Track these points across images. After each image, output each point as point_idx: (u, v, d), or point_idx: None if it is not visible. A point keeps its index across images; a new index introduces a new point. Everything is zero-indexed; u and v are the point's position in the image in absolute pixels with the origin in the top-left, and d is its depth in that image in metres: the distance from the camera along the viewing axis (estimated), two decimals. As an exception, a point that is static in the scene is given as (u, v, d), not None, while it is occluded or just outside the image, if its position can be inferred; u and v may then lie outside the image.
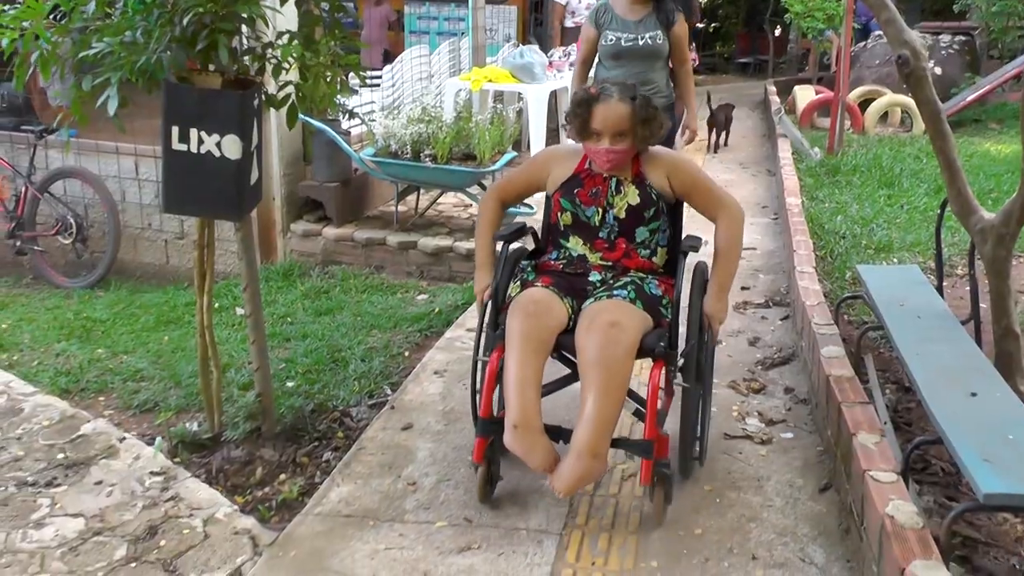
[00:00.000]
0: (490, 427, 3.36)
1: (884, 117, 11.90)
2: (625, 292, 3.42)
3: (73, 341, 5.61)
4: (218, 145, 3.58)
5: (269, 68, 3.82)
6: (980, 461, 2.84)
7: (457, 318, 5.44)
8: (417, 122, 6.60)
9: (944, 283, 4.91)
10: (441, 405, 4.31)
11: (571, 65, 8.57)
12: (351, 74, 4.18)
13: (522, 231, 3.81)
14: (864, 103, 11.82)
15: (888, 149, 9.94)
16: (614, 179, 3.58)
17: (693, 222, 3.81)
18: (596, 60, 5.63)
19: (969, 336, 4.08)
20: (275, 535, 3.37)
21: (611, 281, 3.53)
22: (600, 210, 3.58)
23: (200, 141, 3.58)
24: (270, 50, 3.78)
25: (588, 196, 3.59)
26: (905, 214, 7.21)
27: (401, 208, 6.94)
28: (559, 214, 3.64)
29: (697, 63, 13.33)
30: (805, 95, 12.69)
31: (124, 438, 4.20)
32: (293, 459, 3.93)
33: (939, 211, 4.72)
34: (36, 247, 7.03)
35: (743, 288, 6.01)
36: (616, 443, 3.29)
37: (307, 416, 4.25)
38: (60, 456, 4.10)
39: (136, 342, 5.52)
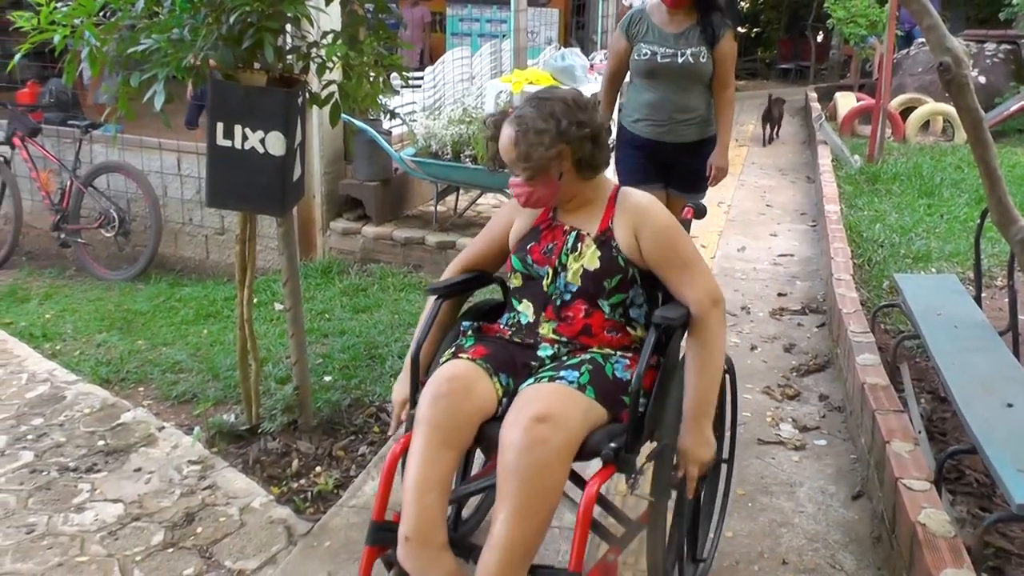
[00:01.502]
0: (383, 535, 2.59)
1: (925, 126, 11.82)
2: (575, 375, 2.59)
3: (114, 332, 5.69)
4: (262, 142, 3.64)
5: (313, 67, 3.86)
6: (1014, 472, 2.84)
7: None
8: (458, 123, 6.65)
9: (983, 294, 4.89)
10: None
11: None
12: (393, 74, 4.22)
13: (468, 283, 3.02)
14: (905, 111, 11.75)
15: (929, 158, 9.88)
16: (573, 234, 2.78)
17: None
18: (627, 78, 4.80)
19: (1007, 347, 4.06)
20: (310, 526, 3.42)
21: (564, 358, 2.71)
22: (551, 271, 2.78)
23: (244, 137, 3.64)
24: (315, 49, 3.83)
25: (541, 253, 2.80)
26: (945, 224, 7.17)
27: (440, 208, 6.97)
28: (511, 274, 2.89)
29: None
30: (846, 102, 12.63)
31: (163, 427, 4.28)
32: (329, 452, 3.97)
33: (979, 220, 4.70)
34: (80, 240, 7.12)
35: (780, 294, 6.01)
36: (534, 571, 2.47)
37: (344, 410, 4.30)
38: (100, 443, 4.18)
39: (175, 334, 5.59)
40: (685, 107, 4.60)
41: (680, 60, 4.52)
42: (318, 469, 3.85)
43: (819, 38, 21.02)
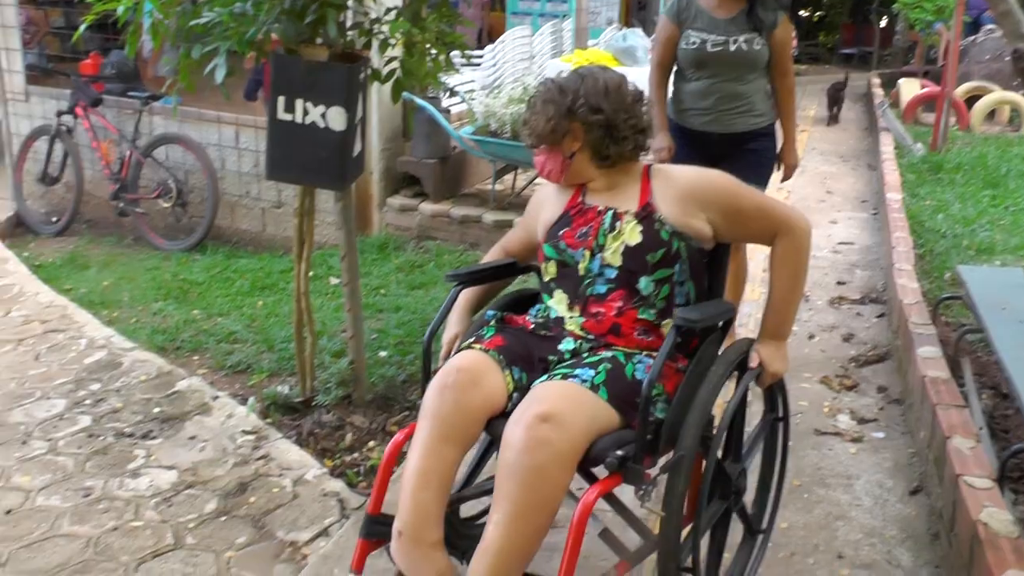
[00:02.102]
0: (377, 528, 2.54)
1: (991, 115, 11.58)
2: (590, 373, 2.43)
3: (170, 301, 5.75)
4: (323, 116, 3.65)
5: (375, 43, 3.87)
6: (1081, 471, 2.77)
7: (547, 298, 5.43)
8: (518, 102, 6.61)
9: (1049, 289, 4.78)
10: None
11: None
12: (454, 52, 4.21)
13: (496, 271, 2.92)
14: (971, 99, 11.51)
15: (994, 148, 9.67)
16: (610, 213, 2.66)
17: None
18: (676, 66, 4.44)
19: (1074, 344, 3.96)
20: (363, 499, 3.43)
21: (585, 355, 2.55)
22: (588, 253, 2.64)
23: (305, 112, 3.65)
24: (377, 25, 3.83)
25: (575, 237, 2.66)
26: (1010, 216, 7.01)
27: (498, 187, 6.95)
28: (544, 265, 2.74)
29: (796, 52, 13.12)
30: (910, 89, 12.39)
31: (217, 396, 4.31)
32: (383, 427, 3.98)
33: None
34: (138, 209, 7.19)
35: (839, 283, 5.92)
36: None
37: (398, 386, 4.30)
38: (156, 410, 4.23)
39: (231, 305, 5.64)
40: (734, 95, 4.27)
41: (732, 48, 4.19)
42: (371, 444, 3.86)
43: (883, 23, 20.66)
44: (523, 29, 8.50)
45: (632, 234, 2.59)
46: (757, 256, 5.65)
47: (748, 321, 4.94)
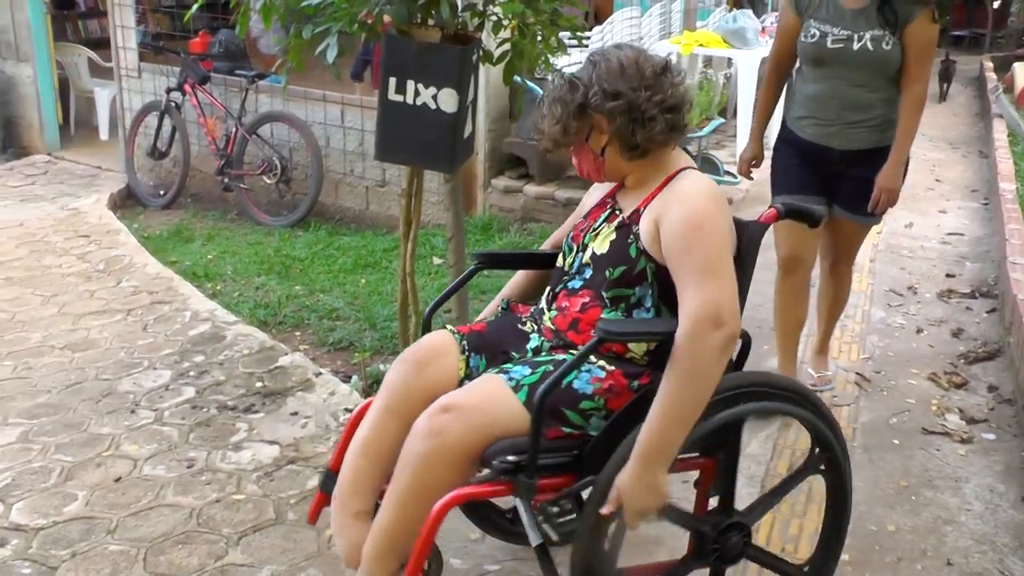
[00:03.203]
0: (331, 484, 2.54)
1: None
2: (524, 372, 2.31)
3: (272, 276, 5.81)
4: (434, 98, 3.63)
5: (488, 24, 3.85)
6: None
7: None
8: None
9: None
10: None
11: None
12: (564, 33, 4.17)
13: (528, 259, 2.92)
14: (1091, 87, 11.04)
15: (1114, 137, 9.28)
16: (608, 211, 2.52)
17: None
18: (796, 63, 3.91)
19: None
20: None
21: (543, 354, 2.44)
22: (575, 249, 2.54)
23: (416, 93, 3.64)
24: (490, 6, 3.81)
25: (579, 231, 2.57)
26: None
27: (603, 170, 6.86)
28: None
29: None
30: (1026, 74, 11.93)
31: (319, 373, 4.34)
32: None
33: None
34: (242, 185, 7.28)
35: (948, 275, 5.73)
36: None
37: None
38: (259, 384, 4.27)
39: (333, 282, 5.67)
40: (859, 105, 3.68)
41: (856, 45, 3.61)
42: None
43: (996, 4, 19.97)
44: (632, 10, 8.38)
45: (603, 242, 2.44)
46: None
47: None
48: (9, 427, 3.98)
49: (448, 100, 3.61)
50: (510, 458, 2.18)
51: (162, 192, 7.70)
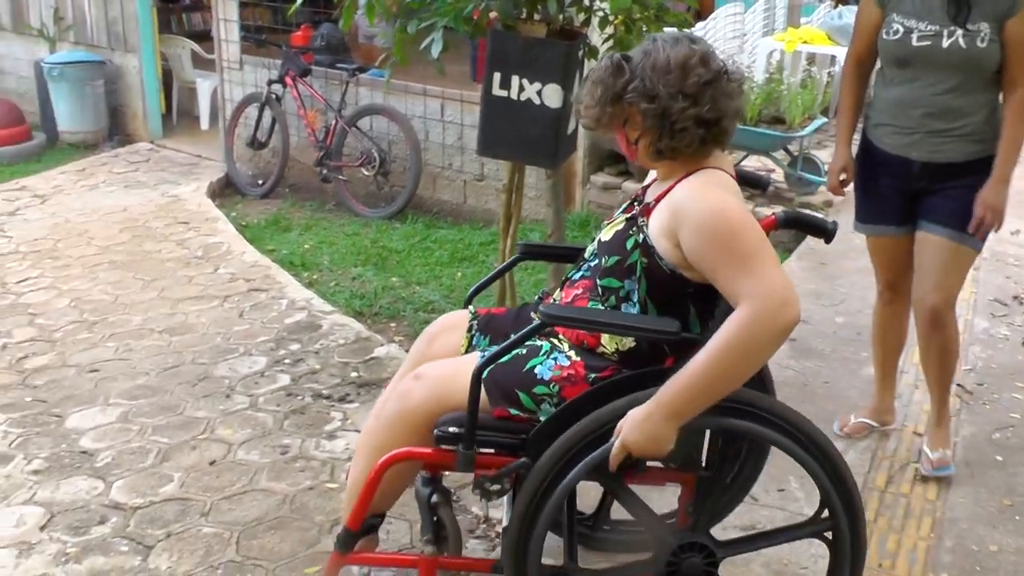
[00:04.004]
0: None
1: None
2: (494, 351, 2.34)
3: (369, 267, 5.79)
4: (539, 93, 3.62)
5: (594, 20, 3.83)
6: None
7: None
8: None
9: None
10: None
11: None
12: (669, 29, 4.11)
13: (569, 252, 2.89)
14: None
15: None
16: (635, 199, 2.48)
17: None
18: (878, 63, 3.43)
19: None
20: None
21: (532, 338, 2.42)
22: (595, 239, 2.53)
23: (521, 88, 3.64)
24: (597, 2, 3.80)
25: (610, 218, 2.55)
26: None
27: (702, 168, 6.74)
28: None
29: None
30: None
31: (415, 365, 4.28)
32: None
33: None
34: (340, 176, 7.30)
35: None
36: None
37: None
38: (353, 375, 4.24)
39: (429, 275, 5.63)
40: (947, 110, 3.19)
41: (945, 43, 3.11)
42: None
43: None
44: (735, 5, 8.22)
45: (610, 230, 2.40)
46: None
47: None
48: (111, 407, 4.02)
49: (553, 96, 3.59)
50: (451, 429, 2.28)
51: (260, 182, 7.76)
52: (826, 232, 2.53)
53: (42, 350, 4.60)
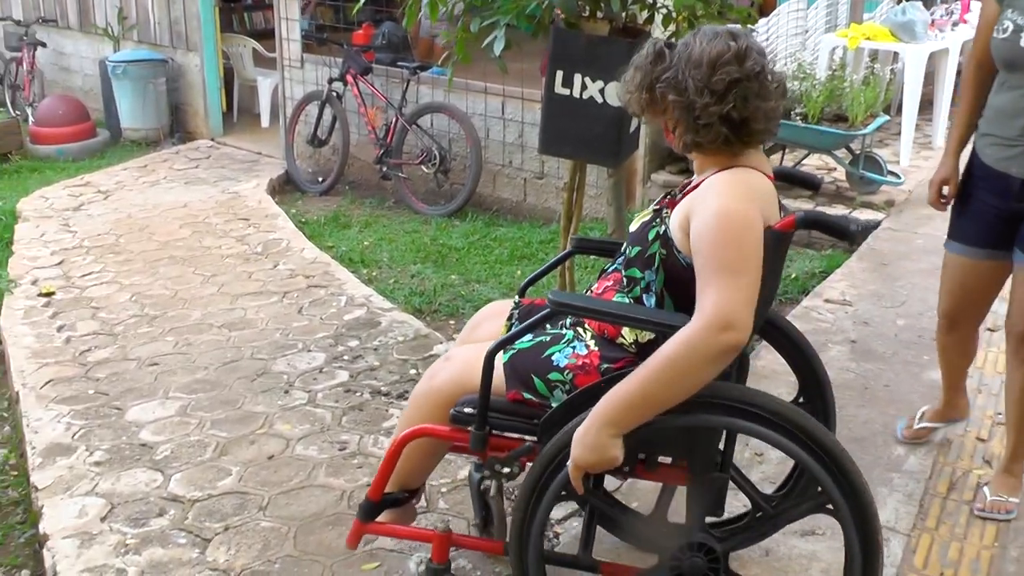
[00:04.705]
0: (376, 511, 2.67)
1: None
2: (524, 338, 2.42)
3: (428, 264, 5.77)
4: (601, 92, 3.60)
5: (657, 17, 3.80)
6: None
7: (814, 287, 5.12)
8: (791, 79, 6.27)
9: None
10: (792, 376, 4.01)
11: (954, 24, 7.87)
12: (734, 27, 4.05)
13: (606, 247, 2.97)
14: None
15: None
16: (669, 193, 2.45)
17: None
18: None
19: None
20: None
21: (560, 328, 2.48)
22: None
23: (583, 87, 3.63)
24: None
25: None
26: None
27: (762, 167, 6.64)
28: None
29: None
30: None
31: (474, 363, 4.25)
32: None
33: None
34: (400, 174, 7.29)
35: None
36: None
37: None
38: (412, 372, 4.23)
39: (488, 272, 5.60)
40: None
41: None
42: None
43: None
44: (798, 2, 8.10)
45: (639, 220, 2.42)
46: None
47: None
48: (170, 400, 4.04)
49: (615, 94, 3.55)
50: (466, 409, 2.35)
51: (320, 179, 7.78)
52: (847, 234, 2.39)
53: (104, 343, 4.64)
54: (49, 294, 5.30)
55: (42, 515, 3.28)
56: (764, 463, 3.38)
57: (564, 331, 2.43)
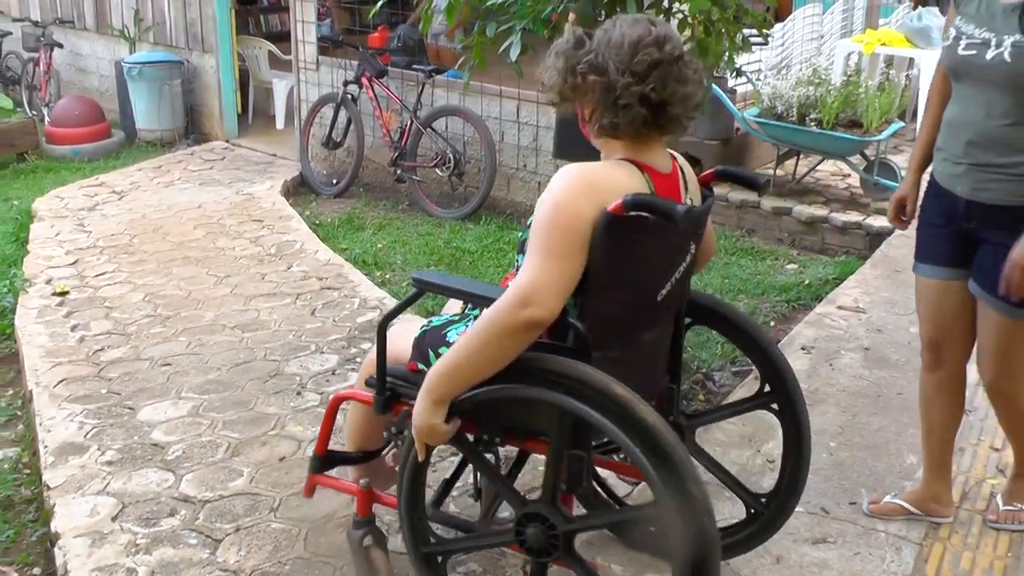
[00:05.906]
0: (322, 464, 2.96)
1: None
2: (445, 317, 2.63)
3: (442, 267, 5.77)
4: None
5: (673, 22, 3.78)
6: None
7: (828, 293, 5.11)
8: (806, 84, 6.26)
9: None
10: (806, 384, 3.99)
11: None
12: (750, 31, 4.05)
13: None
14: None
15: None
16: None
17: None
18: None
19: None
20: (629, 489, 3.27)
21: None
22: None
23: None
24: (676, 3, 3.77)
25: None
26: None
27: (779, 172, 6.62)
28: None
29: None
30: None
31: (486, 366, 4.25)
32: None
33: None
34: (415, 176, 7.30)
35: None
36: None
37: (668, 371, 4.12)
38: (424, 374, 4.20)
39: (502, 276, 5.57)
40: (995, 141, 2.66)
41: (989, 54, 2.61)
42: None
43: None
44: (814, 7, 8.09)
45: None
46: None
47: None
48: (183, 401, 4.05)
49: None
50: (373, 375, 2.54)
51: (334, 181, 7.79)
52: (756, 184, 2.61)
53: (117, 343, 4.66)
54: (63, 293, 5.33)
55: (54, 514, 3.29)
56: (775, 470, 3.36)
57: (472, 312, 2.57)
